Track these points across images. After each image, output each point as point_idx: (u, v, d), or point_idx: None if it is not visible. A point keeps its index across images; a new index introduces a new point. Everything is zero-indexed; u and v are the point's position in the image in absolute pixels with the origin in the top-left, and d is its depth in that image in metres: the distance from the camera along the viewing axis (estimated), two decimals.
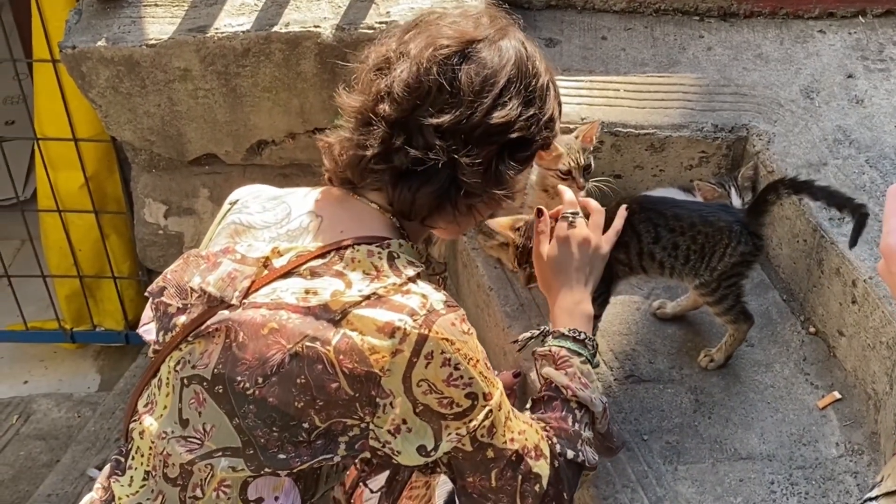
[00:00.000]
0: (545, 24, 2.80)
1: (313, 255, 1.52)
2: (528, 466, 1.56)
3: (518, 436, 1.56)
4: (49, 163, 3.29)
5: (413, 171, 1.54)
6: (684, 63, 2.63)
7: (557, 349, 1.72)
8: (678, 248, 1.93)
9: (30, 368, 3.91)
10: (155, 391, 1.59)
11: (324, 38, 2.47)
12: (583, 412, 1.68)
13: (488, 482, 1.55)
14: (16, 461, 3.32)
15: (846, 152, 2.28)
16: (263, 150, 2.76)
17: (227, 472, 1.49)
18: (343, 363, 1.43)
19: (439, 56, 1.51)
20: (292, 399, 1.44)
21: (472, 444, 1.51)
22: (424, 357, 1.44)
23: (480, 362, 1.51)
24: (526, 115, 1.56)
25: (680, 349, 2.16)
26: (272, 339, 1.45)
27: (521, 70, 1.56)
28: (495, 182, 1.58)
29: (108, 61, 2.53)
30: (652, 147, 2.40)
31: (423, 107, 1.52)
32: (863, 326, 2.01)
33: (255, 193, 1.71)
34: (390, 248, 1.54)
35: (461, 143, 1.53)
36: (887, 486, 0.98)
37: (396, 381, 1.44)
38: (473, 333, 1.52)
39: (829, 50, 2.65)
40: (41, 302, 3.64)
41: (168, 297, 1.61)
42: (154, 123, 2.68)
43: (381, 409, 1.45)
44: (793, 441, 1.98)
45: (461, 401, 1.48)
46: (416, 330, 1.44)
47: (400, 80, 1.52)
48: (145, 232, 3.06)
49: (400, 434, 1.47)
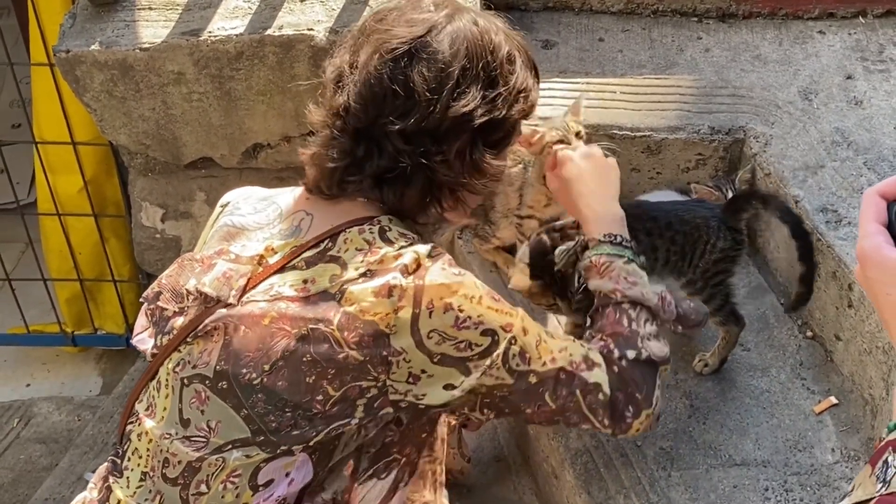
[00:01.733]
0: (542, 26, 2.78)
1: (307, 246, 1.53)
2: (582, 380, 1.56)
3: (559, 354, 1.56)
4: (48, 166, 3.29)
5: (387, 177, 1.53)
6: (682, 64, 2.61)
7: (597, 257, 1.71)
8: (657, 250, 1.92)
9: (32, 371, 3.91)
10: (154, 394, 1.59)
11: (317, 41, 2.45)
12: (638, 309, 1.67)
13: (546, 406, 1.55)
14: (16, 464, 3.32)
15: (844, 154, 2.25)
16: (259, 153, 2.75)
17: (240, 461, 1.49)
18: (348, 338, 1.44)
19: (387, 61, 1.49)
20: (302, 377, 1.45)
21: (510, 375, 1.51)
22: (426, 308, 1.45)
23: (485, 297, 1.50)
24: (490, 96, 1.54)
25: (675, 353, 2.11)
26: (275, 328, 1.46)
27: (475, 52, 1.53)
28: (474, 171, 1.57)
29: (102, 65, 2.52)
30: (648, 149, 2.39)
31: (382, 115, 1.51)
32: (859, 331, 1.99)
33: (245, 195, 1.71)
34: (381, 224, 1.54)
35: (429, 143, 1.52)
36: (857, 496, 0.96)
37: (406, 338, 1.45)
38: (467, 273, 1.52)
39: (828, 51, 2.62)
40: (43, 305, 3.64)
41: (164, 302, 1.62)
42: (149, 127, 2.67)
43: (394, 365, 1.46)
44: (788, 447, 1.96)
45: (479, 340, 1.48)
46: (412, 284, 1.44)
47: (353, 92, 1.51)
48: (143, 235, 3.06)
49: (420, 381, 1.48)
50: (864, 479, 0.97)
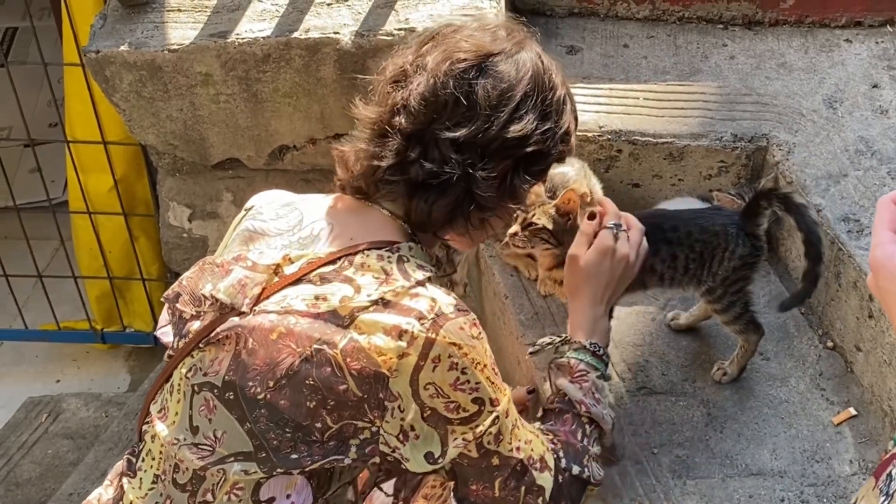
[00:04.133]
0: (567, 32, 2.78)
1: (324, 261, 1.53)
2: (532, 478, 1.57)
3: (524, 445, 1.57)
4: (80, 165, 3.35)
5: (428, 183, 1.54)
6: (706, 71, 2.60)
7: (576, 362, 1.73)
8: (677, 259, 1.91)
9: (62, 368, 3.98)
10: (167, 396, 1.61)
11: (343, 45, 2.47)
12: (592, 427, 1.69)
13: (492, 491, 1.56)
14: (43, 459, 3.37)
15: (868, 163, 2.23)
16: (285, 155, 2.77)
17: (239, 476, 1.50)
18: (351, 365, 1.44)
19: (456, 70, 1.52)
20: (303, 400, 1.45)
21: (477, 450, 1.51)
22: (431, 361, 1.45)
23: (488, 367, 1.51)
24: (542, 128, 1.56)
25: (693, 361, 2.14)
26: (282, 344, 1.46)
27: (537, 83, 1.56)
28: (509, 195, 1.59)
29: (131, 66, 2.56)
30: (670, 156, 2.38)
31: (439, 120, 1.52)
32: (879, 342, 1.97)
33: (269, 200, 1.72)
34: (400, 252, 1.54)
35: (477, 157, 1.53)
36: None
37: (404, 384, 1.45)
38: (483, 338, 1.52)
39: (854, 59, 2.60)
40: (74, 302, 3.70)
41: (182, 304, 1.63)
42: (177, 128, 2.71)
43: (389, 412, 1.46)
44: (805, 457, 1.94)
45: (467, 405, 1.49)
46: (424, 334, 1.44)
47: (416, 93, 1.53)
48: (170, 235, 3.09)
49: (408, 441, 1.48)
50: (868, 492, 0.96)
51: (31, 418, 3.56)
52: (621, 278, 1.79)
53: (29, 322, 3.76)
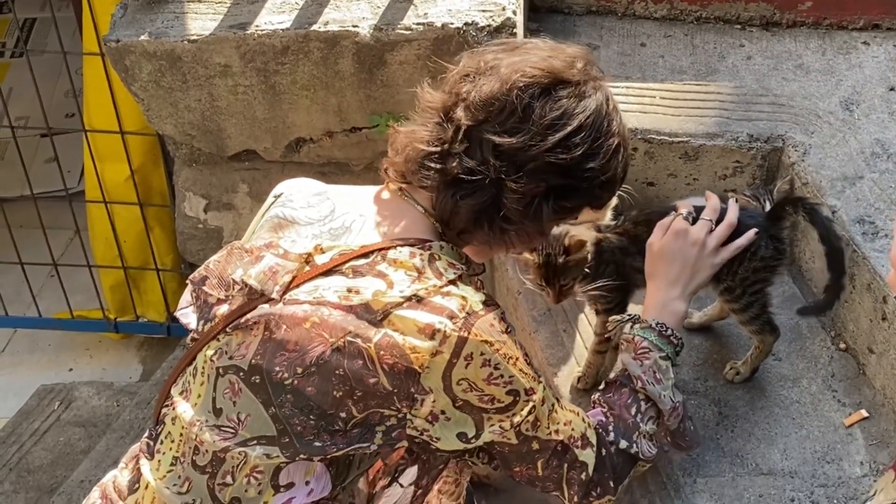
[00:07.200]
0: (584, 30, 2.79)
1: (356, 254, 1.55)
2: (574, 455, 1.61)
3: (563, 426, 1.61)
4: (97, 155, 3.35)
5: (461, 179, 1.55)
6: (723, 71, 2.60)
7: (640, 339, 1.76)
8: None
9: (75, 356, 4.00)
10: (190, 379, 1.62)
11: (361, 38, 2.48)
12: (649, 405, 1.72)
13: (535, 471, 1.60)
14: (55, 446, 3.39)
15: (884, 166, 2.23)
16: (302, 147, 2.78)
17: (260, 459, 1.52)
18: (384, 358, 1.46)
19: (522, 82, 1.53)
20: (331, 389, 1.47)
21: (517, 437, 1.55)
22: (464, 359, 1.47)
23: (520, 360, 1.54)
24: (584, 165, 1.57)
25: (706, 360, 2.14)
26: (315, 332, 1.48)
27: (595, 122, 1.57)
28: (533, 217, 1.59)
29: (150, 55, 2.57)
30: (686, 155, 2.38)
31: (491, 122, 1.54)
32: (892, 344, 1.97)
33: (299, 187, 1.73)
34: (431, 251, 1.56)
35: (513, 169, 1.54)
36: (878, 501, 0.96)
37: (436, 379, 1.47)
38: (513, 331, 1.56)
39: (872, 62, 2.60)
40: (88, 291, 3.72)
41: (210, 287, 1.65)
42: (194, 118, 2.72)
43: (418, 402, 1.49)
44: (816, 458, 1.95)
45: (502, 398, 1.52)
46: (456, 333, 1.47)
47: (480, 90, 1.55)
48: (185, 225, 3.11)
49: (438, 422, 1.51)
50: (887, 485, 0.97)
51: (43, 406, 3.58)
52: (697, 264, 1.81)
53: (43, 310, 3.78)
